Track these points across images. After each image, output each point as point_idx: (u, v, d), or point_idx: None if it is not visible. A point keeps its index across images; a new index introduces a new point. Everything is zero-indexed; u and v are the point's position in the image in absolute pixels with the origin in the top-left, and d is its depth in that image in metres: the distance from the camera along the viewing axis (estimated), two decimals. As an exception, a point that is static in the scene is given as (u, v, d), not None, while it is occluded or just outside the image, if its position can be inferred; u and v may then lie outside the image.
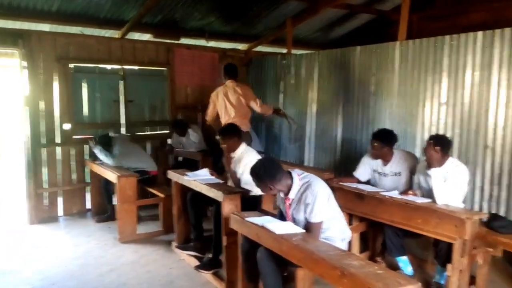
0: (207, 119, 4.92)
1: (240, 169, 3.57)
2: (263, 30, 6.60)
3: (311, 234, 2.55)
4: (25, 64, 4.83)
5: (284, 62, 5.86)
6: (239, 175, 3.56)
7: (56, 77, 5.07)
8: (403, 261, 3.33)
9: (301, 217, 2.68)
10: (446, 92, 3.97)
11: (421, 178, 3.29)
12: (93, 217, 5.12)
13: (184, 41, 6.16)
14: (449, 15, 6.58)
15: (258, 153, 3.75)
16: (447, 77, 3.95)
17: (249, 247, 2.71)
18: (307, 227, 2.61)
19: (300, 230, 2.55)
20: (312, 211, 2.57)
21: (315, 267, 2.16)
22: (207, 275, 3.47)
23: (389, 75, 4.47)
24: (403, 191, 3.35)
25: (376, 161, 3.67)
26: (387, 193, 3.28)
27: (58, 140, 5.15)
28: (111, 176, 4.44)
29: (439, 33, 4.21)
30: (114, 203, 4.71)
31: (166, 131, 6.11)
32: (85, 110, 5.41)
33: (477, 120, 3.73)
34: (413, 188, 3.37)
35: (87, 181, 5.32)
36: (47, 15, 4.94)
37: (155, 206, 4.85)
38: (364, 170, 3.77)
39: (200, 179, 3.59)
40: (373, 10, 6.48)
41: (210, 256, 3.61)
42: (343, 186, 3.59)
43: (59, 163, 5.18)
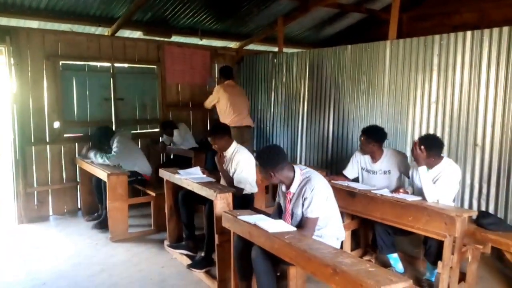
0: (206, 105, 5.32)
1: (232, 168, 3.56)
2: (255, 28, 6.60)
3: (305, 229, 2.57)
4: (13, 61, 4.76)
5: (275, 60, 5.87)
6: (231, 174, 3.56)
7: (45, 75, 5.01)
8: (394, 258, 3.37)
9: (299, 212, 2.69)
10: (436, 90, 4.02)
11: (415, 175, 3.32)
12: (84, 216, 5.08)
13: (175, 39, 6.13)
14: (439, 14, 6.66)
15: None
16: (437, 76, 4.00)
17: (242, 245, 2.71)
18: (302, 222, 2.62)
19: (292, 228, 2.55)
20: (309, 206, 2.59)
21: (307, 265, 2.17)
22: (199, 273, 3.46)
23: (380, 74, 4.50)
24: (394, 189, 3.38)
25: (365, 159, 3.69)
26: (378, 191, 3.31)
27: (47, 138, 5.09)
28: (101, 174, 4.40)
29: (428, 32, 4.26)
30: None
31: (156, 129, 6.07)
32: (75, 108, 5.34)
33: (467, 118, 3.78)
34: (406, 185, 3.40)
35: (79, 179, 5.27)
36: (36, 12, 4.87)
37: (147, 204, 4.82)
38: (351, 168, 3.80)
39: (192, 178, 3.58)
40: (364, 9, 6.51)
41: (202, 254, 3.60)
42: (334, 184, 3.61)
43: (49, 162, 5.12)
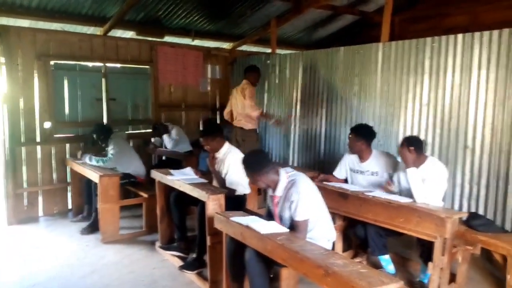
0: (255, 113, 5.08)
1: (224, 169, 3.55)
2: (248, 29, 6.61)
3: (297, 232, 2.56)
4: (3, 60, 4.70)
5: (268, 62, 5.88)
6: (223, 175, 3.55)
7: (36, 74, 4.96)
8: (385, 260, 3.37)
9: (287, 215, 2.69)
10: (427, 93, 4.05)
11: (402, 176, 3.34)
12: (74, 217, 5.03)
13: (168, 39, 6.11)
14: (431, 17, 6.72)
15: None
16: (428, 79, 4.03)
17: (234, 247, 2.70)
18: (293, 226, 2.62)
19: (285, 229, 2.56)
20: (296, 209, 2.59)
21: (300, 266, 2.17)
22: (191, 275, 3.45)
23: (372, 76, 4.53)
24: (384, 185, 3.40)
25: (353, 159, 3.70)
26: (370, 193, 3.32)
27: (38, 138, 5.04)
28: (93, 175, 4.37)
29: (420, 35, 4.29)
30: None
31: (149, 130, 6.04)
32: (66, 108, 5.30)
33: (457, 120, 3.82)
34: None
35: (69, 180, 5.22)
36: (27, 11, 4.83)
37: (138, 206, 4.79)
38: (340, 169, 3.82)
39: (184, 179, 3.56)
40: (356, 11, 6.55)
41: (194, 256, 3.59)
42: (326, 185, 3.62)
43: (39, 162, 5.07)
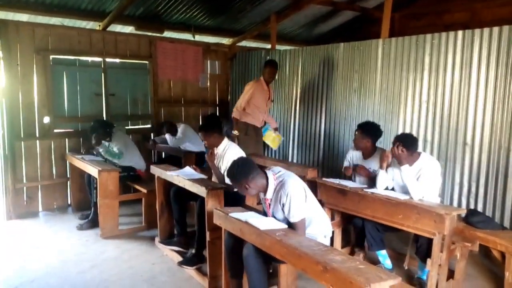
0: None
1: (223, 165, 3.56)
2: (248, 25, 6.58)
3: (297, 232, 2.55)
4: (1, 55, 4.68)
5: (268, 57, 5.86)
6: (223, 171, 3.56)
7: (35, 69, 4.94)
8: (383, 255, 3.40)
9: (281, 217, 2.68)
10: (427, 90, 4.05)
11: (395, 173, 3.34)
12: (74, 212, 5.04)
13: (167, 34, 6.09)
14: (430, 13, 6.71)
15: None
16: (428, 75, 4.03)
17: (233, 242, 2.71)
18: (291, 227, 2.61)
19: (283, 226, 2.56)
20: (289, 211, 2.58)
21: (298, 262, 2.18)
22: (190, 270, 3.46)
23: (372, 72, 4.52)
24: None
25: (357, 155, 3.71)
26: (369, 189, 3.33)
27: (37, 133, 5.04)
28: (92, 170, 4.37)
29: (420, 31, 4.28)
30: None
31: (148, 126, 6.04)
32: (65, 103, 5.28)
33: (457, 118, 3.82)
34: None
35: (69, 175, 5.22)
36: (26, 5, 4.80)
37: (138, 201, 4.80)
38: (347, 162, 3.84)
39: (183, 174, 3.57)
40: (357, 7, 6.53)
41: (193, 251, 3.60)
42: (325, 181, 3.63)
43: (38, 157, 5.07)
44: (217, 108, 6.68)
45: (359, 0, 6.42)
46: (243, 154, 3.61)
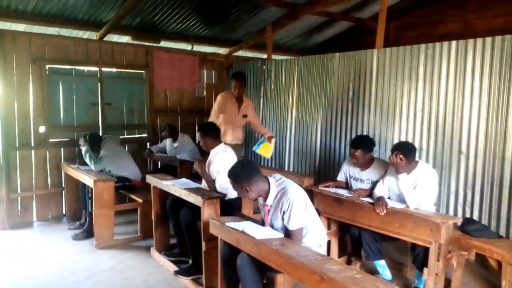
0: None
1: (209, 170, 3.58)
2: (244, 35, 6.63)
3: (293, 241, 2.54)
4: (-2, 64, 4.70)
5: (264, 67, 5.89)
6: (213, 177, 3.55)
7: (31, 79, 4.95)
8: (381, 265, 3.37)
9: (279, 224, 2.67)
10: (421, 99, 4.07)
11: (391, 181, 3.35)
12: (69, 222, 5.00)
13: (164, 44, 6.12)
14: (424, 24, 6.78)
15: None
16: (422, 85, 4.05)
17: (229, 252, 2.70)
18: (288, 235, 2.60)
19: (280, 235, 2.55)
20: (289, 219, 2.57)
21: (295, 272, 2.17)
22: (186, 281, 3.43)
23: (367, 82, 4.55)
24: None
25: (353, 168, 3.69)
26: (365, 198, 3.33)
27: (32, 143, 5.02)
28: (87, 180, 4.35)
29: (415, 41, 4.31)
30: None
31: (144, 135, 6.03)
32: (61, 112, 5.27)
33: (452, 126, 3.84)
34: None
35: (64, 185, 5.20)
36: (22, 15, 4.81)
37: (133, 211, 4.77)
38: (341, 174, 3.84)
39: (179, 184, 3.55)
40: (352, 18, 6.59)
41: (190, 262, 3.57)
42: (322, 190, 3.63)
43: (33, 167, 5.04)
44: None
45: (354, 11, 6.48)
46: (233, 161, 3.57)
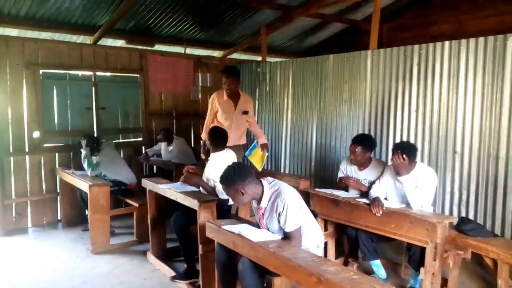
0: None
1: (205, 174, 3.58)
2: (238, 37, 6.63)
3: (292, 241, 2.54)
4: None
5: (259, 69, 5.90)
6: (205, 179, 3.55)
7: (24, 84, 4.92)
8: (376, 265, 3.39)
9: (275, 227, 2.66)
10: (415, 99, 4.09)
11: (389, 181, 3.35)
12: (64, 227, 4.97)
13: (158, 47, 6.11)
14: (417, 25, 6.82)
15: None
16: (416, 85, 4.07)
17: (225, 256, 2.68)
18: (287, 237, 2.60)
19: (276, 237, 2.55)
20: (286, 221, 2.56)
21: (292, 274, 2.16)
22: (183, 285, 3.42)
23: (361, 83, 4.56)
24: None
25: (351, 167, 3.72)
26: (361, 199, 3.34)
27: (27, 148, 4.98)
28: (83, 185, 4.32)
29: (408, 42, 4.34)
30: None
31: (139, 139, 6.02)
32: (55, 117, 5.25)
33: (446, 126, 3.85)
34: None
35: (59, 190, 5.16)
36: (15, 20, 4.79)
37: (129, 215, 4.75)
38: (341, 175, 3.83)
39: (174, 187, 3.54)
40: (345, 19, 6.63)
41: (185, 266, 3.56)
42: (318, 192, 3.63)
43: (27, 172, 5.01)
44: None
45: (347, 12, 6.52)
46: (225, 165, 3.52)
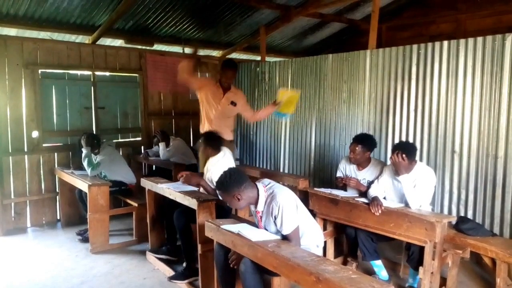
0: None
1: (208, 177, 3.58)
2: (237, 37, 6.63)
3: (291, 243, 2.52)
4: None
5: (258, 69, 5.90)
6: (209, 183, 3.55)
7: (23, 83, 4.91)
8: (378, 265, 3.38)
9: (273, 229, 2.65)
10: (414, 99, 4.09)
11: (388, 181, 3.36)
12: (63, 227, 4.97)
13: (157, 47, 6.11)
14: (416, 25, 6.83)
15: (235, 160, 3.73)
16: (415, 85, 4.08)
17: (223, 255, 2.68)
18: (285, 239, 2.58)
19: (276, 237, 2.55)
20: (282, 223, 2.55)
21: (291, 273, 2.16)
22: (182, 284, 3.42)
23: (360, 83, 4.57)
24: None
25: (350, 166, 3.72)
26: (360, 199, 3.34)
27: (25, 148, 4.98)
28: (82, 185, 4.32)
29: (407, 42, 4.35)
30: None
31: (138, 138, 6.02)
32: (54, 117, 5.24)
33: (445, 126, 3.86)
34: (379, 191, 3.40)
35: (58, 190, 5.16)
36: (14, 19, 4.79)
37: (128, 215, 4.75)
38: (339, 174, 3.82)
39: (174, 187, 3.54)
40: (344, 19, 6.63)
41: (184, 265, 3.56)
42: (317, 191, 3.63)
43: (26, 172, 5.01)
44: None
45: (346, 12, 6.52)
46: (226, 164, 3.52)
